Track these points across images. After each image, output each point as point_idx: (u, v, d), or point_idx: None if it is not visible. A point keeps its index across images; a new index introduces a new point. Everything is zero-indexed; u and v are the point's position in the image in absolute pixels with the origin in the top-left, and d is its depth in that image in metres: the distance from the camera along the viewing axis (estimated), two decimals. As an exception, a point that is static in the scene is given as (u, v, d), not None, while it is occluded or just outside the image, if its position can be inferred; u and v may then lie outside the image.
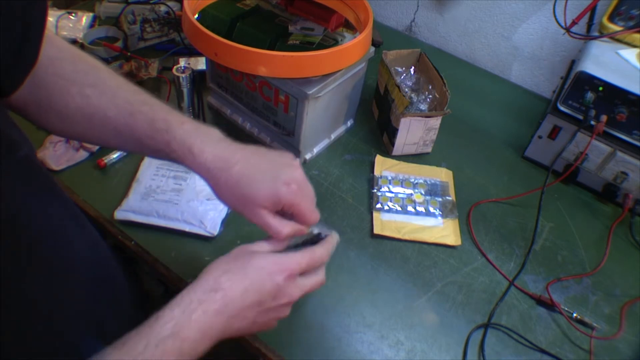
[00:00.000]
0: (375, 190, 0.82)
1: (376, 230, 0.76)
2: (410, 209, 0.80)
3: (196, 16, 0.83)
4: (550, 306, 0.70)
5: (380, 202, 0.80)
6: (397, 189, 0.83)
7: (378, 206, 0.80)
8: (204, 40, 0.72)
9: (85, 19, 1.07)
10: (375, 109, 0.98)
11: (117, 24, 1.04)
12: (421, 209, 0.80)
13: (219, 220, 0.73)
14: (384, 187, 0.83)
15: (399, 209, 0.80)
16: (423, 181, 0.84)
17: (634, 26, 0.82)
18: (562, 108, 0.82)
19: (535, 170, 0.91)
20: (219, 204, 0.74)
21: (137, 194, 0.75)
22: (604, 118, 0.78)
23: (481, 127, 0.99)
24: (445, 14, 1.17)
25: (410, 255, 0.75)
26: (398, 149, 0.89)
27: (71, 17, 1.07)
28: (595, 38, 0.85)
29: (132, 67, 0.93)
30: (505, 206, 0.84)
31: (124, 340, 0.39)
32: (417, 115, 0.83)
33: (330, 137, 0.91)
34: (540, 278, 0.74)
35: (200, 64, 0.98)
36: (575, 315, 0.69)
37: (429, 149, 0.91)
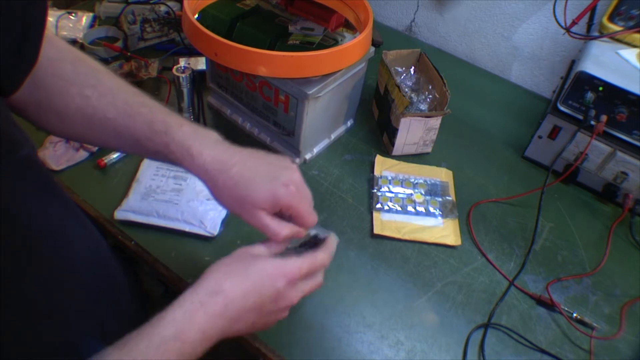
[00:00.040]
0: (375, 190, 0.82)
1: (376, 230, 0.76)
2: (410, 209, 0.80)
3: (196, 16, 0.83)
4: (550, 306, 0.70)
5: (380, 202, 0.80)
6: (397, 189, 0.83)
7: (378, 206, 0.80)
8: (204, 40, 0.72)
9: (85, 19, 1.07)
10: (375, 109, 0.98)
11: (117, 24, 1.04)
12: (421, 209, 0.80)
13: (219, 220, 0.73)
14: (384, 187, 0.83)
15: (399, 209, 0.80)
16: (423, 181, 0.84)
17: (634, 26, 0.82)
18: (562, 108, 0.82)
19: (535, 170, 0.91)
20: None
21: (137, 194, 0.75)
22: (604, 118, 0.78)
23: (481, 127, 0.99)
24: (445, 14, 1.17)
25: (410, 255, 0.75)
26: (398, 149, 0.89)
27: (71, 17, 1.07)
28: (595, 38, 0.85)
29: (132, 67, 0.93)
30: (505, 206, 0.84)
31: (125, 341, 0.39)
32: (417, 115, 0.83)
33: (330, 137, 0.91)
34: (540, 278, 0.74)
35: (200, 64, 0.98)
36: (575, 315, 0.69)
37: (429, 149, 0.91)
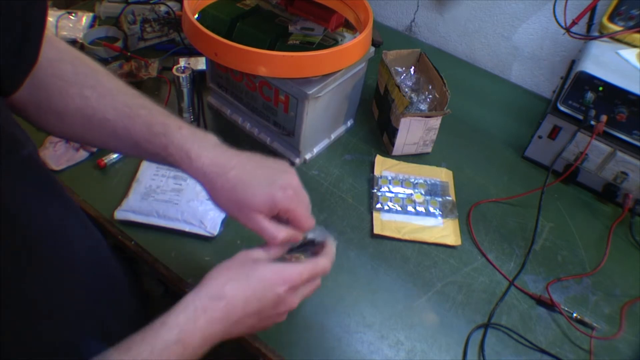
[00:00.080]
0: (375, 190, 0.82)
1: (376, 230, 0.76)
2: (410, 209, 0.80)
3: (196, 16, 0.83)
4: (550, 306, 0.70)
5: (380, 202, 0.80)
6: (397, 189, 0.83)
7: (378, 206, 0.80)
8: (204, 40, 0.72)
9: (85, 19, 1.07)
10: (375, 109, 0.98)
11: (117, 24, 1.04)
12: (421, 209, 0.80)
13: (219, 220, 0.73)
14: (384, 187, 0.83)
15: (399, 209, 0.80)
16: (423, 181, 0.84)
17: (634, 26, 0.82)
18: (562, 108, 0.82)
19: (535, 170, 0.91)
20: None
21: (137, 194, 0.75)
22: (604, 118, 0.78)
23: (481, 127, 0.99)
24: (445, 14, 1.17)
25: (410, 255, 0.75)
26: (398, 149, 0.89)
27: (71, 17, 1.07)
28: (595, 38, 0.85)
29: (132, 67, 0.93)
30: (505, 206, 0.84)
31: (129, 345, 0.40)
32: (417, 115, 0.83)
33: (330, 137, 0.91)
34: (540, 278, 0.74)
35: (200, 64, 0.98)
36: (575, 315, 0.69)
37: (429, 149, 0.91)
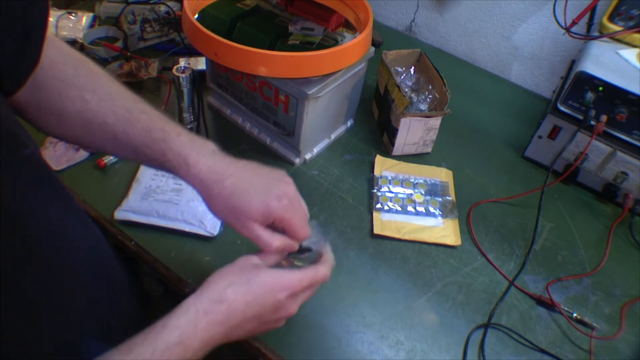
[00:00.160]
0: (375, 190, 0.82)
1: (376, 230, 0.76)
2: (410, 209, 0.80)
3: (196, 16, 0.83)
4: (550, 306, 0.70)
5: (380, 202, 0.80)
6: (397, 189, 0.83)
7: (378, 206, 0.80)
8: (204, 40, 0.72)
9: (85, 19, 1.07)
10: (375, 109, 0.98)
11: (117, 24, 1.04)
12: (421, 209, 0.80)
13: (218, 221, 0.73)
14: (384, 187, 0.83)
15: (399, 209, 0.80)
16: (423, 181, 0.84)
17: (634, 26, 0.82)
18: (562, 108, 0.82)
19: (535, 170, 0.91)
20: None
21: (137, 194, 0.75)
22: (604, 118, 0.78)
23: (481, 127, 0.99)
24: (445, 14, 1.17)
25: (410, 255, 0.75)
26: (398, 149, 0.89)
27: (71, 17, 1.07)
28: (595, 38, 0.85)
29: (132, 67, 0.93)
30: (505, 206, 0.84)
31: (130, 346, 0.40)
32: (417, 115, 0.83)
33: (330, 137, 0.91)
34: (540, 278, 0.74)
35: (200, 64, 0.98)
36: (575, 315, 0.69)
37: (429, 149, 0.91)
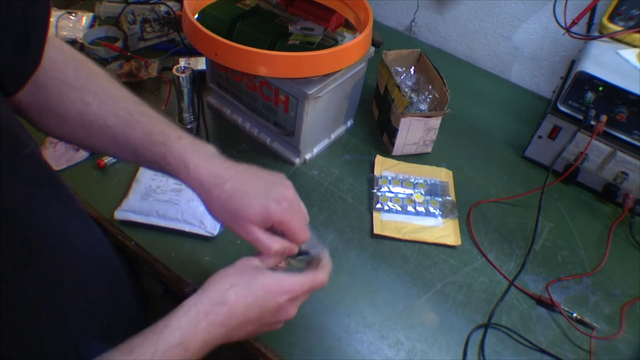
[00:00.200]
0: (375, 190, 0.82)
1: (376, 230, 0.76)
2: (410, 209, 0.80)
3: (196, 16, 0.83)
4: (550, 306, 0.70)
5: (380, 202, 0.80)
6: (397, 189, 0.83)
7: (378, 206, 0.80)
8: (204, 40, 0.72)
9: (85, 19, 1.07)
10: (375, 109, 0.98)
11: (117, 24, 1.04)
12: (421, 209, 0.80)
13: (219, 220, 0.73)
14: (384, 187, 0.83)
15: (399, 209, 0.80)
16: (423, 181, 0.84)
17: (634, 26, 0.82)
18: (562, 108, 0.82)
19: (535, 170, 0.91)
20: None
21: (137, 194, 0.75)
22: (604, 118, 0.78)
23: (481, 127, 0.99)
24: (445, 14, 1.17)
25: (410, 255, 0.75)
26: (398, 149, 0.89)
27: (71, 17, 1.07)
28: (595, 38, 0.85)
29: (132, 67, 0.93)
30: (505, 206, 0.84)
31: (131, 346, 0.40)
32: (417, 115, 0.83)
33: (330, 137, 0.91)
34: (540, 278, 0.74)
35: (200, 64, 0.98)
36: (575, 315, 0.69)
37: (429, 149, 0.91)
